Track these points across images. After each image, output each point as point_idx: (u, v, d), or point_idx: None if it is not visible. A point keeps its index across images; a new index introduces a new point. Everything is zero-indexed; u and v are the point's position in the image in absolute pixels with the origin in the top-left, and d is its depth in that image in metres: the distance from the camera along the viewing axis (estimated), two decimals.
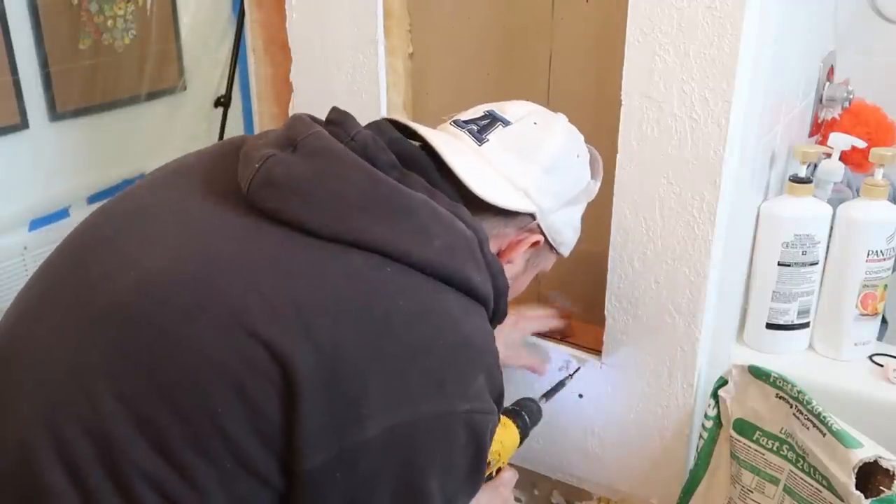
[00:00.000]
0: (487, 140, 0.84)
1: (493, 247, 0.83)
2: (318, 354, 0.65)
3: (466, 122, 0.86)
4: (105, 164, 2.15)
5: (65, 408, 0.67)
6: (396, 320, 0.69)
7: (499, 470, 1.00)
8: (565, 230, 0.90)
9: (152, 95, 2.26)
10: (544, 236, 0.87)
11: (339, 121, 0.80)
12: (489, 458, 0.94)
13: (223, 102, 2.38)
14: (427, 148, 0.82)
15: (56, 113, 2.02)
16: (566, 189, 0.88)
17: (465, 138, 0.84)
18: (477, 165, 0.82)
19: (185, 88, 2.38)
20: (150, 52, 2.23)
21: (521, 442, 1.03)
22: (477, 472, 0.75)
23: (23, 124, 1.95)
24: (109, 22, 2.12)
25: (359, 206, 0.72)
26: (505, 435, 1.01)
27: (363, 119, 0.82)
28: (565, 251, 0.93)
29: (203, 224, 0.75)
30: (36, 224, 2.04)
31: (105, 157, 2.15)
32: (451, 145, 0.82)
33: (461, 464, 0.73)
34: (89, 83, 2.10)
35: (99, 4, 2.08)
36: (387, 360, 0.67)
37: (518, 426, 1.03)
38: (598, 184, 0.94)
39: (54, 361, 0.69)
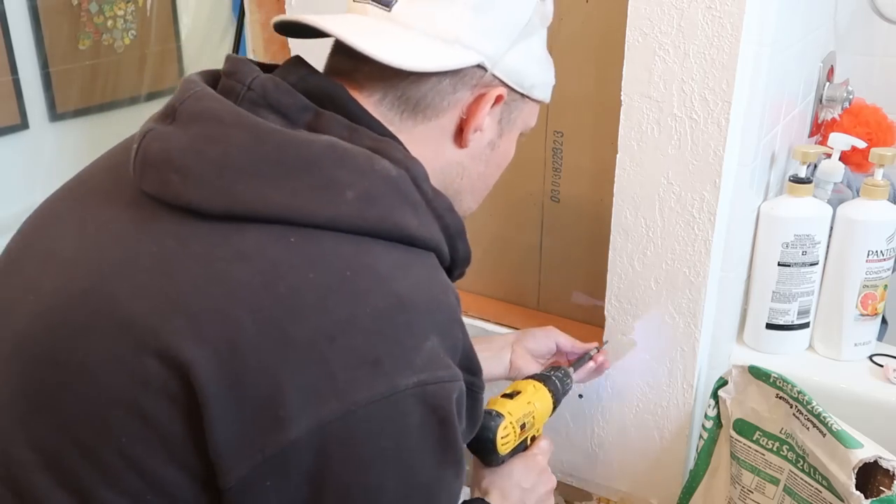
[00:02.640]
0: (395, 0, 0.70)
1: (452, 120, 0.72)
2: (216, 357, 0.56)
3: None
4: None
5: None
6: (306, 298, 0.58)
7: (534, 438, 0.95)
8: (528, 69, 0.76)
9: (152, 96, 2.26)
10: (507, 86, 0.74)
11: (232, 71, 0.68)
12: (524, 420, 0.90)
13: None
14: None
15: (56, 113, 2.02)
16: (509, 21, 0.73)
17: (371, 8, 0.71)
18: (389, 34, 0.69)
19: None
20: (150, 53, 2.23)
21: (554, 408, 0.97)
22: (450, 448, 0.63)
23: (23, 124, 1.95)
24: (109, 22, 2.12)
25: (246, 172, 0.61)
26: (538, 398, 0.94)
27: None
28: (540, 94, 0.79)
29: (98, 230, 0.65)
30: None
31: None
32: (354, 25, 0.70)
33: (424, 448, 0.61)
34: (89, 83, 2.10)
35: (99, 5, 2.08)
36: (298, 348, 0.56)
37: (550, 390, 0.96)
38: (550, 3, 0.78)
39: None
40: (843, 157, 1.22)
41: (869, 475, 0.86)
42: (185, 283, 0.59)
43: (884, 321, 1.18)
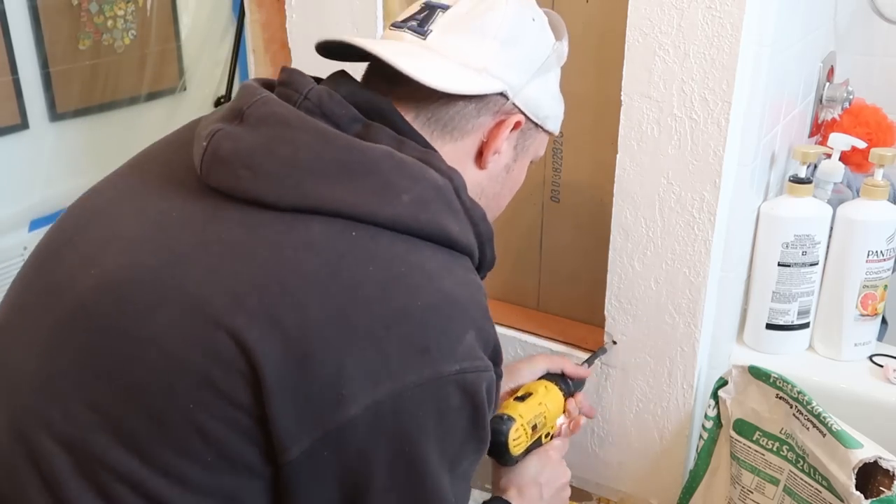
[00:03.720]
0: (430, 31, 0.77)
1: (474, 142, 0.79)
2: (285, 341, 0.61)
3: (405, 20, 0.79)
4: (105, 164, 2.12)
5: (38, 418, 0.65)
6: (366, 289, 0.64)
7: (549, 435, 0.99)
8: (544, 101, 0.83)
9: (152, 96, 2.26)
10: (524, 115, 0.81)
11: (289, 81, 0.75)
12: (535, 421, 0.95)
13: (223, 102, 2.37)
14: (393, 93, 0.76)
15: (56, 113, 2.02)
16: (530, 58, 0.80)
17: (407, 36, 0.78)
18: (426, 59, 0.75)
19: (185, 89, 2.37)
20: (150, 53, 2.23)
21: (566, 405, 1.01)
22: (479, 429, 0.70)
23: (23, 124, 1.95)
24: (109, 22, 2.12)
25: (314, 170, 0.67)
26: (549, 398, 0.99)
27: None
28: (553, 126, 0.87)
29: (160, 216, 0.71)
30: (36, 224, 2.04)
31: (105, 157, 2.13)
32: (394, 48, 0.76)
33: (459, 426, 0.68)
34: (89, 83, 2.10)
35: (99, 5, 2.08)
36: (360, 334, 0.63)
37: (561, 389, 1.01)
38: (566, 45, 0.86)
39: (25, 372, 0.68)
40: (843, 158, 1.22)
41: (869, 475, 0.86)
42: (255, 266, 0.64)
43: (884, 321, 1.18)
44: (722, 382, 1.06)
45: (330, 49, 0.79)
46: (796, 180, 1.07)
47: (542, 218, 1.24)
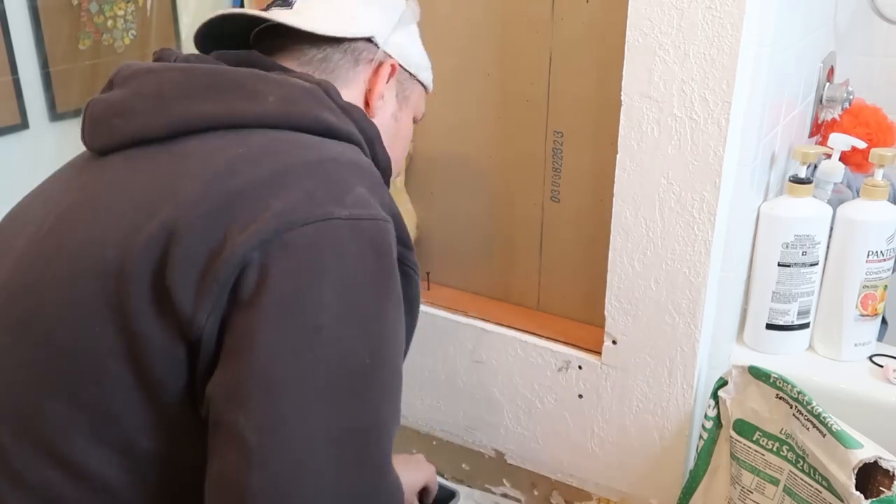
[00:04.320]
0: (295, 1, 0.84)
1: (360, 93, 0.84)
2: (177, 221, 0.63)
3: (270, 4, 0.86)
4: None
5: None
6: (238, 164, 0.67)
7: None
8: (413, 51, 0.90)
9: None
10: (398, 63, 0.87)
11: (162, 56, 0.80)
12: None
13: None
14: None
15: (56, 113, 2.02)
16: (389, 9, 0.88)
17: (274, 9, 0.84)
18: (296, 17, 0.82)
19: None
20: (150, 53, 2.22)
21: None
22: (388, 279, 0.67)
23: (23, 124, 1.95)
24: (109, 22, 2.11)
25: (178, 96, 0.71)
26: None
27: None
28: (426, 78, 0.93)
29: (58, 191, 0.76)
30: None
31: None
32: (266, 13, 0.83)
33: (362, 273, 0.65)
34: (89, 83, 2.09)
35: (99, 5, 2.08)
36: (236, 195, 0.64)
37: None
38: (415, 5, 0.93)
39: None
40: (843, 158, 1.22)
41: (869, 475, 0.86)
42: (142, 184, 0.68)
43: (884, 321, 1.18)
44: (722, 382, 1.06)
45: (210, 38, 0.86)
46: (796, 180, 1.07)
47: (542, 218, 1.24)
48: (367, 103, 0.85)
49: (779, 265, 1.07)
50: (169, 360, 0.63)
